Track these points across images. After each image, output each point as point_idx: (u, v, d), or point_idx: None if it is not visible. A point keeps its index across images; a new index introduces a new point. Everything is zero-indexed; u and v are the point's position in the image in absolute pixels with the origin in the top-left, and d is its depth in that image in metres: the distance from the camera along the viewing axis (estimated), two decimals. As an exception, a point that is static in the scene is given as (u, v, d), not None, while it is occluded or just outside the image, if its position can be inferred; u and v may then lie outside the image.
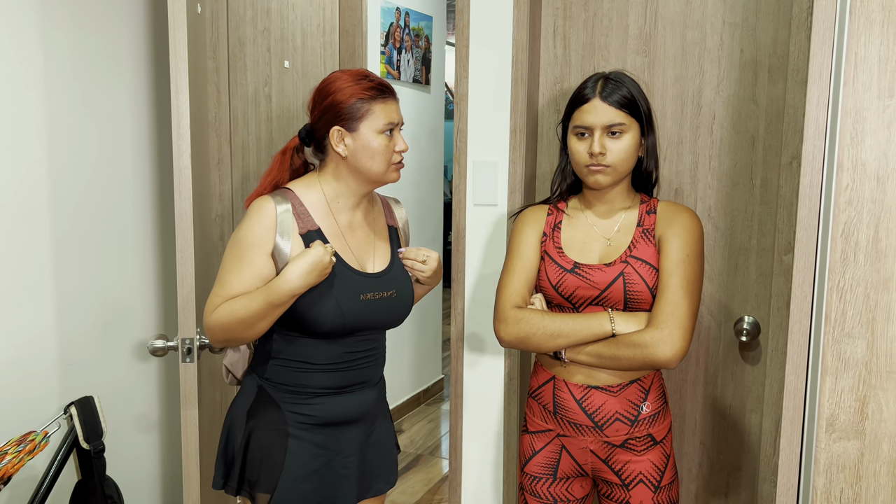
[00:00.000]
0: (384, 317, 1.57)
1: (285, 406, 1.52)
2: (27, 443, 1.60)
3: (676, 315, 1.45)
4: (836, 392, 1.25)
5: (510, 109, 1.94)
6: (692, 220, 1.53)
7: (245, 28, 2.51)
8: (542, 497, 1.62)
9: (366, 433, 1.61)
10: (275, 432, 1.51)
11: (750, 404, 1.88)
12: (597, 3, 1.92)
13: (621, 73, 1.54)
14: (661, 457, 1.56)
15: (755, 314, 1.85)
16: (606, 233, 1.58)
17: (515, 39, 1.91)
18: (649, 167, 1.58)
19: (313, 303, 1.45)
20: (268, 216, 1.47)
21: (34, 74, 1.88)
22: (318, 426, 1.53)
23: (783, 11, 1.74)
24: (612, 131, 1.50)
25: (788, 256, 1.78)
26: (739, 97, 1.80)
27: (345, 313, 1.48)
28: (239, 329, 1.44)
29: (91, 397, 1.79)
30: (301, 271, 1.38)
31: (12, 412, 1.87)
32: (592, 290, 1.53)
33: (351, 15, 3.05)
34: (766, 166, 1.80)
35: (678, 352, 1.45)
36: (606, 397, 1.54)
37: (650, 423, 1.55)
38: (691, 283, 1.48)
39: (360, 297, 1.51)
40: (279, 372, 1.53)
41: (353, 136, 1.49)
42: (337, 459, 1.56)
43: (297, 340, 1.51)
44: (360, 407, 1.58)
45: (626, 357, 1.47)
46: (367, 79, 1.51)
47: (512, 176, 1.96)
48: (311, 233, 1.49)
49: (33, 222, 1.90)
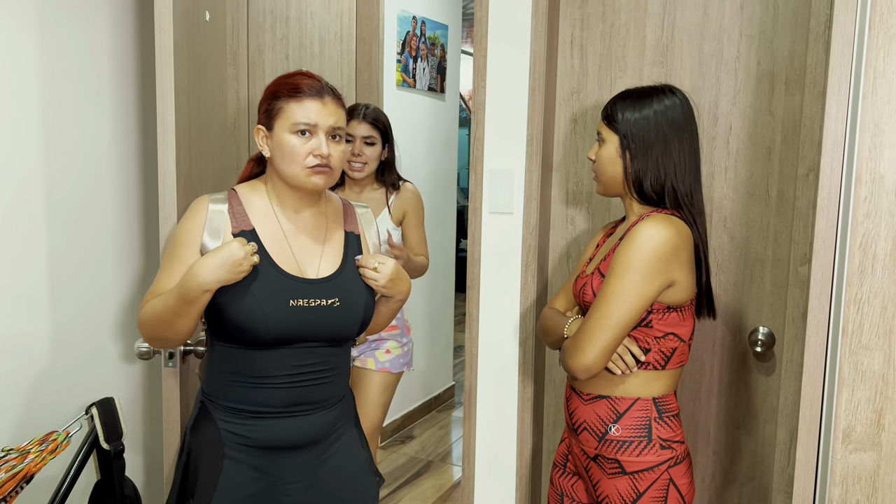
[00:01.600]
0: (323, 327, 1.44)
1: (222, 424, 1.44)
2: (49, 442, 1.62)
3: (585, 327, 1.45)
4: (853, 403, 1.26)
5: (527, 118, 1.96)
6: (640, 232, 1.43)
7: (264, 36, 2.54)
8: (555, 485, 1.68)
9: (317, 459, 1.49)
10: (211, 451, 1.44)
11: (764, 415, 1.88)
12: (614, 15, 1.93)
13: None
14: (629, 490, 1.48)
15: (770, 325, 1.85)
16: (611, 244, 1.60)
17: (533, 49, 1.93)
18: (639, 177, 1.51)
19: (230, 302, 1.37)
20: (199, 214, 1.43)
21: (31, 79, 1.87)
22: (255, 448, 1.44)
23: (800, 23, 1.75)
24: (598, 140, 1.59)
25: (804, 268, 1.79)
26: (756, 109, 1.81)
27: (268, 318, 1.37)
28: (160, 326, 1.39)
29: (112, 398, 1.81)
30: (211, 265, 1.30)
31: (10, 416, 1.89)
32: (578, 298, 1.60)
33: (368, 23, 3.08)
34: (781, 178, 1.80)
35: (580, 363, 1.43)
36: (579, 403, 1.56)
37: (620, 448, 1.49)
38: (609, 296, 1.42)
39: (290, 303, 1.40)
40: (217, 386, 1.46)
41: (271, 135, 1.43)
42: (277, 486, 1.45)
43: (232, 350, 1.43)
44: (306, 432, 1.46)
45: (560, 360, 1.54)
46: (294, 77, 1.44)
47: (528, 185, 1.97)
48: (245, 233, 1.43)
49: (28, 226, 1.90)
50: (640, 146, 1.50)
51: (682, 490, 1.49)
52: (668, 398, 1.52)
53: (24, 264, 1.90)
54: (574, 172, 2.03)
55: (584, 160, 2.02)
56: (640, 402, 1.50)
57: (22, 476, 1.60)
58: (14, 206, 1.86)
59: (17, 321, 1.90)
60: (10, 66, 1.82)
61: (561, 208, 2.06)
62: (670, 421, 1.51)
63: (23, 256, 1.89)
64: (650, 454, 1.48)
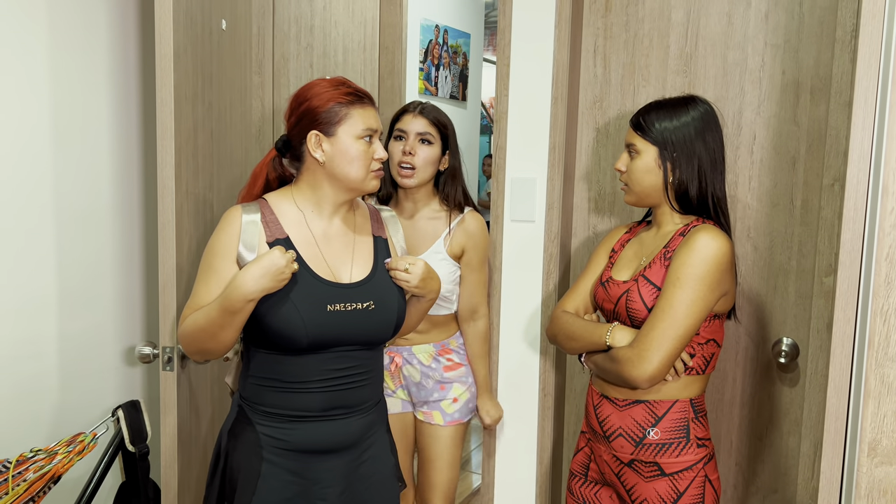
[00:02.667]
0: (360, 330, 1.47)
1: (260, 428, 1.46)
2: (76, 443, 1.65)
3: (651, 336, 1.44)
4: (879, 416, 1.25)
5: (549, 127, 1.96)
6: (702, 241, 1.45)
7: (289, 45, 2.57)
8: (575, 495, 1.68)
9: (352, 464, 1.51)
10: (250, 454, 1.45)
11: (787, 426, 1.86)
12: (637, 24, 1.93)
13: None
14: (670, 491, 1.50)
15: (794, 336, 1.83)
16: (649, 252, 1.59)
17: (556, 58, 1.94)
18: (683, 186, 1.53)
19: (270, 310, 1.39)
20: (233, 224, 1.44)
21: (40, 79, 1.89)
22: (293, 451, 1.46)
23: (826, 33, 1.74)
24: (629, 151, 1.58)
25: (829, 278, 1.77)
26: (780, 118, 1.80)
27: (307, 324, 1.40)
28: (203, 339, 1.40)
29: (137, 401, 1.84)
30: (254, 274, 1.32)
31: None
32: (609, 304, 1.59)
33: (391, 32, 3.10)
34: (806, 188, 1.79)
35: (645, 372, 1.43)
36: (613, 409, 1.56)
37: (659, 451, 1.51)
38: (676, 305, 1.43)
39: (327, 308, 1.42)
40: (255, 391, 1.48)
41: (331, 140, 1.45)
42: (314, 490, 1.47)
43: (269, 357, 1.46)
44: (342, 436, 1.49)
45: (608, 370, 1.52)
46: (345, 85, 1.48)
47: (550, 193, 1.98)
48: (279, 241, 1.45)
49: (35, 229, 1.92)
50: (683, 155, 1.52)
51: (714, 485, 1.53)
52: (701, 398, 1.56)
53: (33, 270, 1.91)
54: (596, 181, 2.03)
55: (606, 169, 2.02)
56: (679, 403, 1.52)
57: (50, 476, 1.63)
58: (24, 214, 1.88)
59: (27, 326, 1.91)
60: (20, 73, 1.84)
61: (583, 217, 2.06)
62: (703, 420, 1.55)
63: (31, 261, 1.91)
64: (689, 454, 1.50)
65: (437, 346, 1.98)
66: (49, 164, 1.92)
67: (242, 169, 2.16)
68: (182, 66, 1.67)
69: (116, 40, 2.09)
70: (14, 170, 1.85)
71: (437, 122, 1.93)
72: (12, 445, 1.84)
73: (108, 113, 2.08)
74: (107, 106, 2.08)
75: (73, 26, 1.95)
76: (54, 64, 1.92)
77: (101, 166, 2.07)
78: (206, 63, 1.82)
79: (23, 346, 1.89)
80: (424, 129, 1.91)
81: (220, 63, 1.95)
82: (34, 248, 1.91)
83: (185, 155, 1.71)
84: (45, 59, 1.90)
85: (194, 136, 1.76)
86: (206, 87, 1.83)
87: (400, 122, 1.93)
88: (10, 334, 1.87)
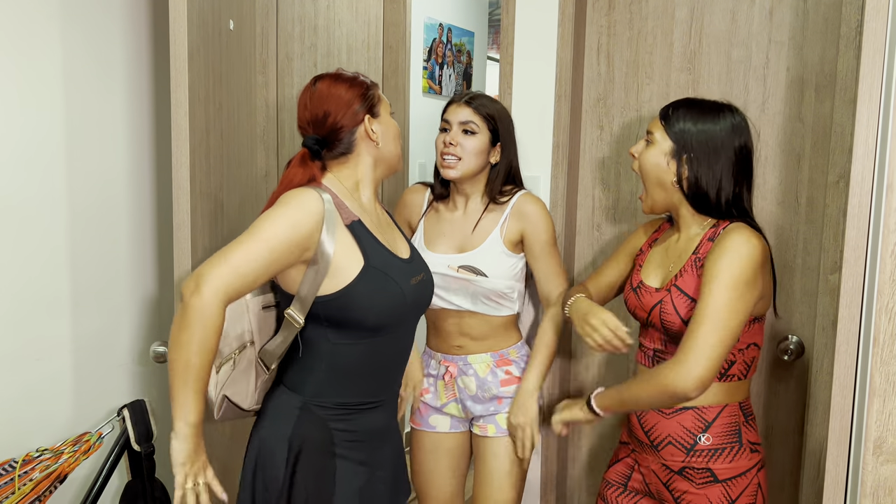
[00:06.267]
0: (426, 300, 1.57)
1: (332, 423, 1.45)
2: (82, 443, 1.66)
3: (695, 343, 1.38)
4: (885, 414, 1.24)
5: (553, 125, 1.96)
6: (736, 241, 1.41)
7: (293, 44, 2.58)
8: (609, 503, 1.64)
9: (396, 448, 1.57)
10: (323, 456, 1.44)
11: (793, 425, 1.86)
12: (641, 21, 1.93)
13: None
14: (722, 498, 1.46)
15: (800, 334, 1.83)
16: (676, 257, 1.54)
17: (560, 56, 1.93)
18: (698, 186, 1.48)
19: (376, 291, 1.41)
20: (315, 207, 1.36)
21: (54, 81, 1.89)
22: (359, 442, 1.48)
23: (831, 30, 1.73)
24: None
25: (834, 276, 1.76)
26: (785, 115, 1.79)
27: (406, 297, 1.45)
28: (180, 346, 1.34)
29: (142, 400, 1.85)
30: (184, 455, 1.38)
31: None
32: (642, 312, 1.55)
33: (395, 31, 3.10)
34: (811, 185, 1.78)
35: (695, 379, 1.37)
36: (659, 418, 1.51)
37: (711, 456, 1.47)
38: (718, 309, 1.37)
39: (411, 281, 1.49)
40: (324, 387, 1.45)
41: (378, 121, 1.49)
42: (376, 475, 1.51)
43: (352, 347, 1.44)
44: (392, 419, 1.56)
45: (651, 394, 1.45)
46: (356, 73, 1.52)
47: (553, 191, 1.97)
48: (354, 223, 1.42)
49: (48, 227, 1.92)
50: (701, 159, 1.46)
51: (764, 493, 1.50)
52: (748, 402, 1.53)
53: (47, 270, 1.92)
54: (601, 179, 2.03)
55: (610, 167, 2.01)
56: (729, 408, 1.48)
57: (56, 476, 1.64)
58: (38, 215, 1.89)
59: (41, 326, 1.91)
60: (34, 75, 1.85)
61: (587, 214, 2.06)
62: (753, 424, 1.52)
63: (45, 262, 1.91)
64: (742, 459, 1.47)
65: (496, 355, 1.84)
66: (63, 166, 1.93)
67: (249, 169, 2.16)
68: (195, 66, 1.67)
69: (129, 41, 2.10)
70: (28, 171, 1.85)
71: (483, 111, 1.80)
72: (26, 445, 1.85)
73: (121, 113, 2.09)
74: (119, 106, 2.09)
75: (86, 28, 1.96)
76: (68, 66, 1.93)
77: (115, 167, 2.08)
78: (216, 64, 1.83)
79: (36, 346, 1.90)
80: (467, 119, 1.79)
81: (229, 63, 1.95)
82: (48, 249, 1.92)
83: (199, 155, 1.72)
84: (59, 60, 1.90)
85: (206, 137, 1.76)
86: (216, 87, 1.83)
87: (446, 113, 1.84)
88: (24, 334, 1.87)
